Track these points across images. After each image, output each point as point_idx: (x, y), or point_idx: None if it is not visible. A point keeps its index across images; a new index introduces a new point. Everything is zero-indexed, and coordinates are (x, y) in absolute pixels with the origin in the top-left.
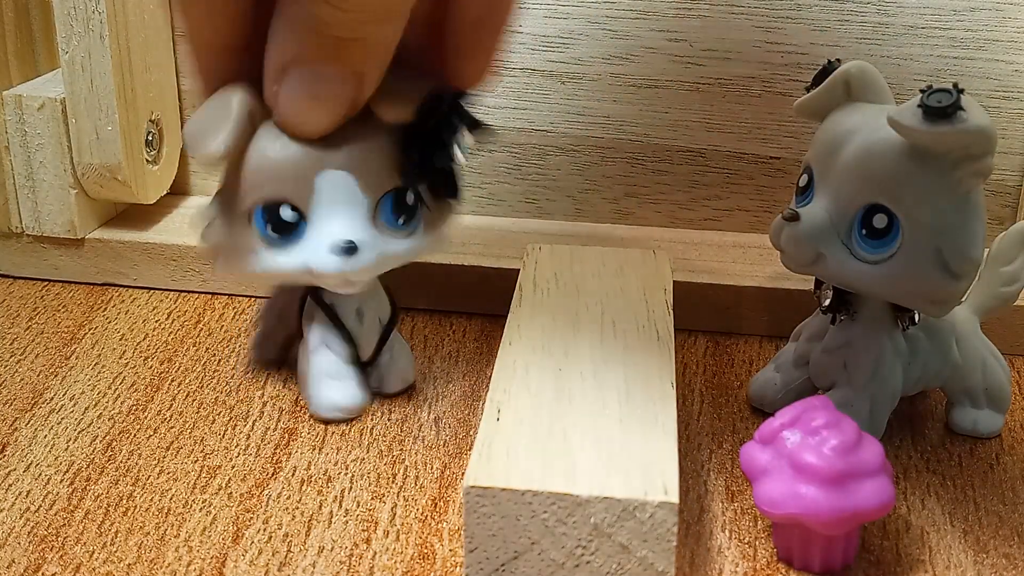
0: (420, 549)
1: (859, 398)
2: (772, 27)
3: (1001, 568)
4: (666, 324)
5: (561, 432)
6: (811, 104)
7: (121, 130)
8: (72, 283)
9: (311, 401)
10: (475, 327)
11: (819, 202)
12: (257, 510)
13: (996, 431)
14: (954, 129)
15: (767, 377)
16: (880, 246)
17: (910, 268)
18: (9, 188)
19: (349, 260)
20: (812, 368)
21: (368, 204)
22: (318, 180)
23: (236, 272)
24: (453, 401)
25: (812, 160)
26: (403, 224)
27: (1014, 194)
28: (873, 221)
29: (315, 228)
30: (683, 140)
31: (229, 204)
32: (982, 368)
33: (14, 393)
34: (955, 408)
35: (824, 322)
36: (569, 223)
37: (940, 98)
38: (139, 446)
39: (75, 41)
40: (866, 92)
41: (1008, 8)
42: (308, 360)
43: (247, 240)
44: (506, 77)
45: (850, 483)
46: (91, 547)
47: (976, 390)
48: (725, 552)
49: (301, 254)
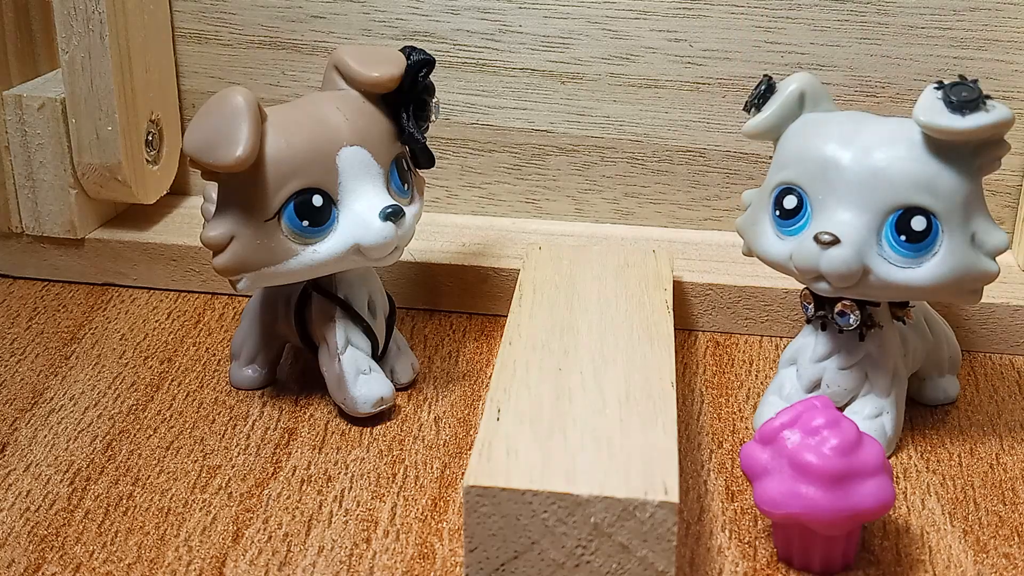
0: (420, 549)
1: (889, 403)
2: (772, 27)
3: (1001, 568)
4: (666, 324)
5: (561, 432)
6: (767, 124)
7: (121, 130)
8: (72, 283)
9: (350, 401)
10: (475, 327)
11: (839, 218)
12: (257, 510)
13: (957, 393)
14: (989, 119)
15: (776, 408)
16: (922, 248)
17: (955, 261)
18: (9, 188)
19: (398, 225)
20: (831, 387)
21: (383, 174)
22: (339, 159)
23: (268, 283)
24: (453, 401)
25: (797, 181)
26: (407, 190)
27: (1014, 194)
28: (912, 224)
29: (348, 207)
30: (683, 140)
31: (248, 216)
32: (946, 339)
33: (14, 393)
34: (925, 383)
35: (830, 341)
36: (569, 223)
37: (964, 91)
38: (139, 446)
39: (75, 41)
40: (819, 101)
41: (1008, 8)
42: (338, 362)
43: (279, 244)
44: (506, 77)
45: (850, 483)
46: (91, 547)
47: (944, 360)
48: (725, 552)
49: (344, 235)
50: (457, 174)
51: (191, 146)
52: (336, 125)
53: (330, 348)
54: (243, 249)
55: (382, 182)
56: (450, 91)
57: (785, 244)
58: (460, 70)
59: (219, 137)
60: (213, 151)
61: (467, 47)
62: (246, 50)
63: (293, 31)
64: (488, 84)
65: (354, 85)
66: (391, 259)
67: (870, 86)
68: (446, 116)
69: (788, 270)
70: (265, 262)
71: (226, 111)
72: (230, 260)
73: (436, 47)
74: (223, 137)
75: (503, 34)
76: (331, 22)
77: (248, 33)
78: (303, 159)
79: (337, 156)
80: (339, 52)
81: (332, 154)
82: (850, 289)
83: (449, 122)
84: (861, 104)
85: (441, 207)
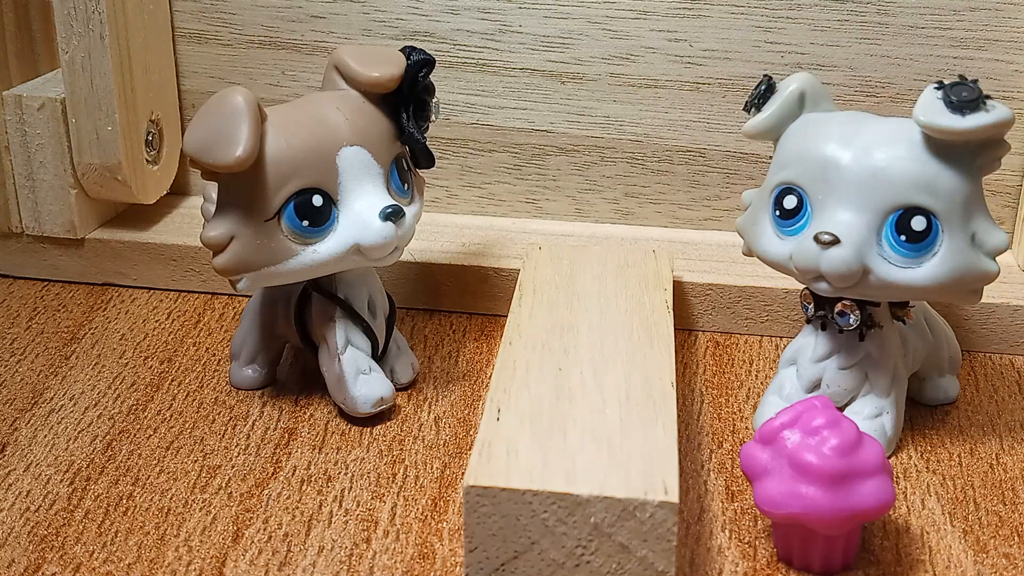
0: (420, 549)
1: (889, 403)
2: (772, 27)
3: (1001, 568)
4: (666, 324)
5: (561, 432)
6: (767, 124)
7: (121, 130)
8: (72, 283)
9: (350, 401)
10: (475, 327)
11: (839, 218)
12: (257, 510)
13: (957, 393)
14: (989, 119)
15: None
16: (922, 248)
17: (955, 261)
18: (9, 188)
19: (398, 225)
20: (831, 388)
21: (383, 174)
22: (339, 159)
23: (268, 283)
24: (453, 401)
25: (797, 181)
26: (407, 190)
27: (1014, 194)
28: (912, 224)
29: (348, 207)
30: (683, 140)
31: (248, 216)
32: (946, 339)
33: (14, 393)
34: (925, 383)
35: (830, 341)
36: (569, 223)
37: (964, 91)
38: (139, 446)
39: (75, 41)
40: (819, 101)
41: (1008, 8)
42: (338, 362)
43: (279, 244)
44: (506, 77)
45: (850, 483)
46: (91, 547)
47: (944, 361)
48: (725, 552)
49: (344, 235)
50: (457, 174)
51: (191, 146)
52: (336, 125)
53: (330, 348)
54: (243, 249)
55: (382, 182)
56: (450, 91)
57: (785, 244)
58: (460, 70)
59: (219, 137)
60: (213, 151)
61: (467, 47)
62: (246, 50)
63: (293, 31)
64: (488, 84)
65: (354, 85)
66: (391, 259)
67: (870, 86)
68: (446, 116)
69: (788, 270)
70: (265, 262)
71: (226, 111)
72: (230, 260)
73: (436, 47)
74: (223, 137)
75: (503, 34)
76: (331, 22)
77: (248, 33)
78: (303, 159)
79: (337, 156)
80: (339, 52)
81: (332, 154)
82: (850, 289)
83: (449, 122)
84: (861, 104)
85: (441, 207)
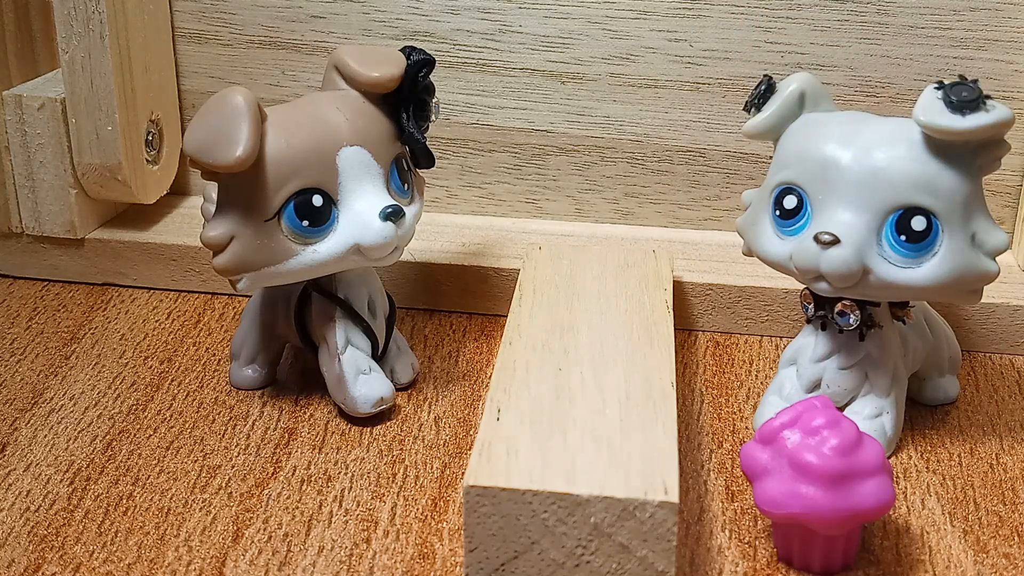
0: (420, 549)
1: (889, 403)
2: (772, 27)
3: (1001, 568)
4: (666, 324)
5: (561, 432)
6: (767, 124)
7: (121, 130)
8: (72, 283)
9: (350, 401)
10: (475, 327)
11: (839, 218)
12: (257, 510)
13: (957, 393)
14: (989, 119)
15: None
16: (922, 248)
17: (955, 261)
18: (9, 188)
19: (397, 225)
20: (831, 387)
21: (383, 175)
22: (339, 159)
23: (268, 283)
24: (453, 401)
25: (797, 181)
26: (407, 190)
27: (1014, 194)
28: (912, 224)
29: (348, 207)
30: (683, 140)
31: (248, 216)
32: (946, 339)
33: (14, 393)
34: (925, 383)
35: (830, 341)
36: (569, 223)
37: (964, 91)
38: (139, 446)
39: (75, 41)
40: (819, 101)
41: (1008, 8)
42: (338, 362)
43: (279, 244)
44: (506, 77)
45: (850, 483)
46: (91, 547)
47: (944, 361)
48: (725, 552)
49: (344, 235)
50: (457, 174)
51: (191, 146)
52: (336, 125)
53: (330, 348)
54: (243, 249)
55: (382, 182)
56: (450, 91)
57: (785, 244)
58: (460, 70)
59: (219, 137)
60: (213, 151)
61: (467, 47)
62: (246, 50)
63: (293, 31)
64: (488, 84)
65: (354, 85)
66: (391, 259)
67: (870, 86)
68: (446, 116)
69: (788, 270)
70: (265, 262)
71: (226, 111)
72: (230, 260)
73: (436, 47)
74: (223, 137)
75: (503, 34)
76: (331, 22)
77: (248, 33)
78: (303, 159)
79: (337, 156)
80: (339, 52)
81: (332, 154)
82: (850, 289)
83: (449, 122)
84: (861, 104)
85: (441, 207)
